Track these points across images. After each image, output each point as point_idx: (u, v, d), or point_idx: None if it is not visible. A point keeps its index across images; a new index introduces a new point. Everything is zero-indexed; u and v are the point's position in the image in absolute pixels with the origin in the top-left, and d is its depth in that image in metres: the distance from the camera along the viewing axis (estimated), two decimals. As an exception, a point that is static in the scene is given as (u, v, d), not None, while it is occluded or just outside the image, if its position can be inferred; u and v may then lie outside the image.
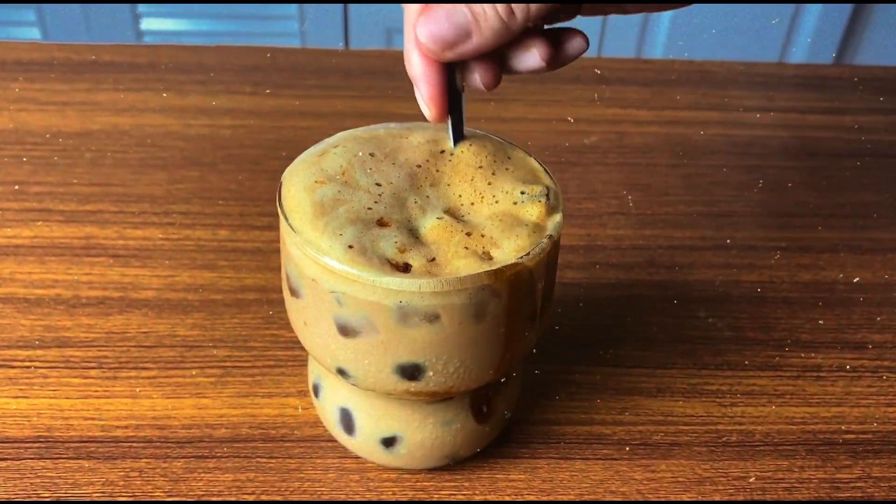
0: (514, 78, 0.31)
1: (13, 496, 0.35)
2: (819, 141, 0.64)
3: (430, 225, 0.30)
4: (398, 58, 0.71)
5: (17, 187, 0.53)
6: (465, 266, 0.29)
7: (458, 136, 0.32)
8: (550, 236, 0.30)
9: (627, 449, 0.39)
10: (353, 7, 1.23)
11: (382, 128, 0.34)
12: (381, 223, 0.30)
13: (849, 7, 1.22)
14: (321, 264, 0.29)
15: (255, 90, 0.65)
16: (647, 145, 0.62)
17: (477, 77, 0.30)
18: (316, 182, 0.31)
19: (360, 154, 0.32)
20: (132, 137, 0.59)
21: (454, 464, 0.37)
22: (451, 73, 0.30)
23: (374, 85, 0.67)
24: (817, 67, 0.74)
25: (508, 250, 0.29)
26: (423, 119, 0.31)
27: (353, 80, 0.67)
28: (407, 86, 0.31)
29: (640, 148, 0.61)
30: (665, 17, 1.23)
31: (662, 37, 1.25)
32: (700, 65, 0.72)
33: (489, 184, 0.32)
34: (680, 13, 1.19)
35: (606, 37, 1.25)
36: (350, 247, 0.29)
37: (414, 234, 0.30)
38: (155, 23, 1.25)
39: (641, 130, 0.63)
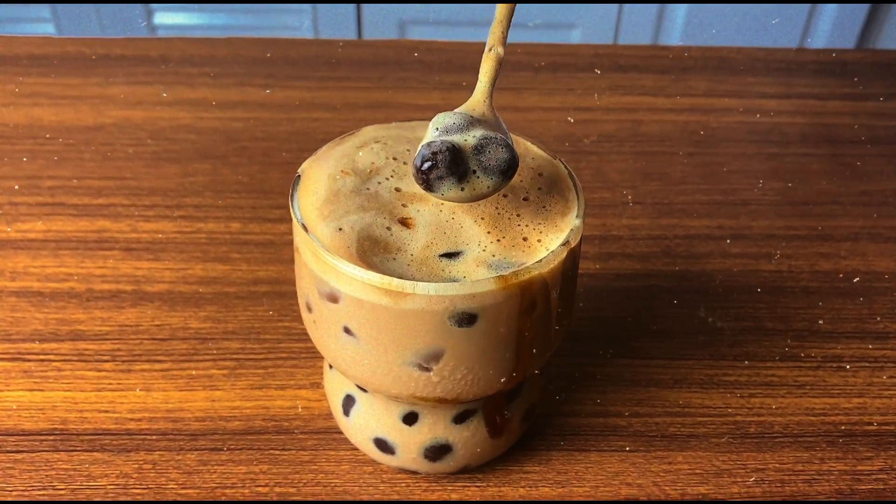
0: (527, 67, 0.31)
1: (30, 487, 0.35)
2: (839, 128, 0.63)
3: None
4: (410, 47, 0.70)
5: (30, 181, 0.53)
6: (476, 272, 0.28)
7: None
8: (567, 242, 0.29)
9: (644, 440, 0.38)
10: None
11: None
12: (404, 223, 0.29)
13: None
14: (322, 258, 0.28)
15: (266, 82, 0.65)
16: (663, 133, 0.61)
17: None
18: (342, 172, 0.31)
19: (395, 157, 0.32)
20: (144, 131, 0.59)
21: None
22: None
23: (385, 75, 0.66)
24: (837, 52, 0.73)
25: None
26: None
27: (364, 70, 0.67)
28: (419, 76, 0.30)
29: (656, 136, 0.60)
30: (682, 4, 1.22)
31: (679, 23, 1.23)
32: (717, 51, 0.71)
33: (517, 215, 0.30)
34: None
35: (623, 24, 1.24)
36: (352, 246, 0.28)
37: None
38: (167, 17, 1.25)
39: (658, 118, 0.62)
